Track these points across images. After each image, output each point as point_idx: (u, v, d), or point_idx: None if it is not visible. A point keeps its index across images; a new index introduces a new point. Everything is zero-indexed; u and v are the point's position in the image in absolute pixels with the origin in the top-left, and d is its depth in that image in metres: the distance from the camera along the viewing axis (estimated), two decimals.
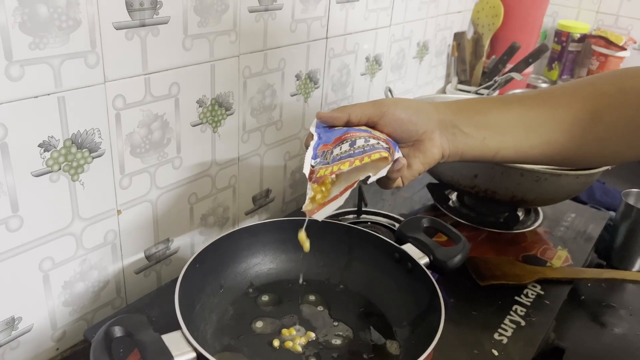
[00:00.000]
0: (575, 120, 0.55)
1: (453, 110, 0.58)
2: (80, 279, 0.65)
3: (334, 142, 0.54)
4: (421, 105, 0.57)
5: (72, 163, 0.59)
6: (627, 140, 0.56)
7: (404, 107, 0.56)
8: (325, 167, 0.52)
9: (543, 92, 0.59)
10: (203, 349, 0.46)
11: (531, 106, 0.57)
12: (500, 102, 0.59)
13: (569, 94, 0.57)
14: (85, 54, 0.56)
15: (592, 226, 0.94)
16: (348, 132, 0.55)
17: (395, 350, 0.59)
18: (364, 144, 0.53)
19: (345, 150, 0.52)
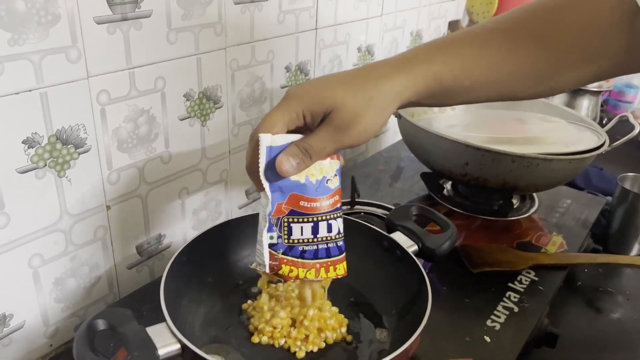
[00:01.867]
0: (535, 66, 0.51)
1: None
2: (72, 275, 0.65)
3: (289, 203, 0.50)
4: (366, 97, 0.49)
5: (57, 159, 0.59)
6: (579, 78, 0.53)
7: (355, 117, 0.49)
8: (288, 260, 0.49)
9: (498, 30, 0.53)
10: (187, 341, 0.46)
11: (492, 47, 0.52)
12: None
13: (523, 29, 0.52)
14: (66, 49, 0.56)
15: (588, 211, 0.93)
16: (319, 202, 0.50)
17: (385, 338, 0.58)
18: (326, 235, 0.51)
19: (308, 238, 0.50)
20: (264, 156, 0.48)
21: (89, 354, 0.44)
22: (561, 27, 0.51)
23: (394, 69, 0.50)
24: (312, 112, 0.48)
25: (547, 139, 0.87)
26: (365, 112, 0.48)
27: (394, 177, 1.03)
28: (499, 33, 0.52)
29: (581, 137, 0.88)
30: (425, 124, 0.86)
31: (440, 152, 0.82)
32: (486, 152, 0.77)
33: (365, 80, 0.49)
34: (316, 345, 0.56)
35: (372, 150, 1.21)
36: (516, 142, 0.84)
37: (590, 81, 0.55)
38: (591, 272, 0.85)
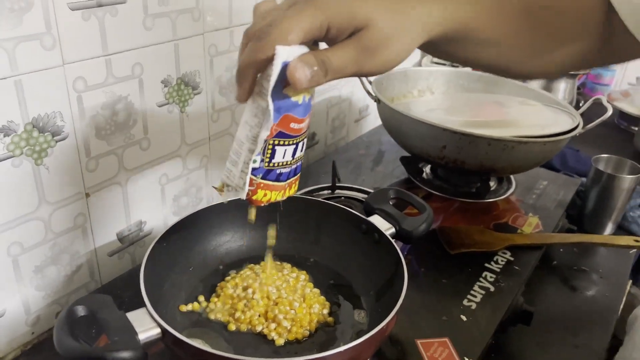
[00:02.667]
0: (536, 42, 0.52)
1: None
2: (52, 263, 0.65)
3: (280, 125, 0.43)
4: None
5: (34, 147, 0.59)
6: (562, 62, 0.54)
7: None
8: (264, 185, 0.46)
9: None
10: (167, 325, 0.47)
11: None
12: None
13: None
14: (41, 36, 0.55)
15: (563, 192, 0.95)
16: (305, 123, 0.45)
17: (363, 319, 0.60)
18: (299, 155, 0.47)
19: (287, 161, 0.46)
20: (277, 73, 0.39)
21: (69, 340, 0.44)
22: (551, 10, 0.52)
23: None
24: (340, 26, 0.41)
25: (524, 121, 0.88)
26: (397, 36, 0.44)
27: (375, 161, 1.04)
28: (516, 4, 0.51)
29: (556, 119, 0.90)
30: (404, 108, 0.86)
31: (418, 136, 0.83)
32: (463, 135, 0.78)
33: (403, 2, 0.45)
34: (299, 334, 0.57)
35: (353, 135, 1.22)
36: (493, 125, 0.85)
37: (575, 65, 0.56)
38: (566, 251, 0.87)
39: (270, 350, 0.55)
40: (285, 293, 0.59)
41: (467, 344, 0.61)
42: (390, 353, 0.60)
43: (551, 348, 0.68)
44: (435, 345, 0.60)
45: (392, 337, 0.61)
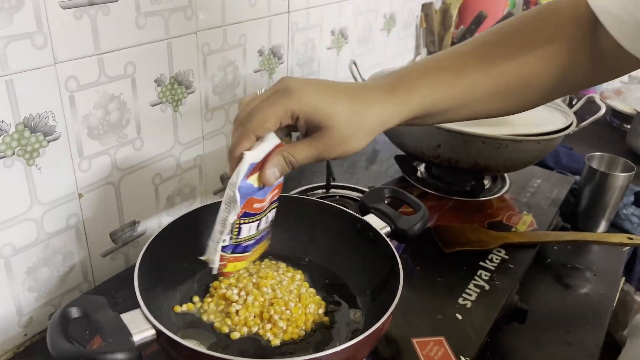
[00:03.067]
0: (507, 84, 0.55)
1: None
2: (44, 264, 0.65)
3: (244, 207, 0.50)
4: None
5: (26, 147, 0.58)
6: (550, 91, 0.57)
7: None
8: (233, 258, 0.53)
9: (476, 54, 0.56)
10: (161, 326, 0.46)
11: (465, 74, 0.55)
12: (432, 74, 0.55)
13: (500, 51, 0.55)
14: (32, 35, 0.55)
15: (557, 191, 0.95)
16: (267, 201, 0.52)
17: (359, 318, 0.60)
18: (265, 226, 0.54)
19: (253, 235, 0.53)
20: (244, 172, 0.47)
21: (63, 342, 0.44)
22: (530, 47, 0.54)
23: (386, 96, 0.52)
24: (308, 120, 0.48)
25: (517, 120, 0.88)
26: (355, 135, 0.50)
27: (369, 160, 1.04)
28: (473, 56, 0.55)
29: (550, 118, 0.90)
30: None
31: (413, 135, 0.83)
32: (457, 134, 0.78)
33: (362, 104, 0.51)
34: (295, 334, 0.56)
35: None
36: (487, 123, 0.85)
37: (561, 93, 0.58)
38: (560, 249, 0.87)
39: (265, 350, 0.55)
40: (281, 293, 0.59)
41: (463, 342, 0.61)
42: (386, 352, 0.60)
43: (546, 345, 0.68)
44: (430, 344, 0.60)
45: (387, 336, 0.61)
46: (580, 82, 0.57)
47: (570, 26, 0.53)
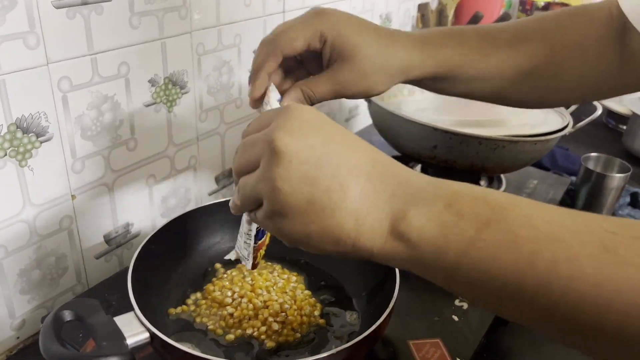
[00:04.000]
0: (536, 69, 0.54)
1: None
2: (37, 266, 0.64)
3: None
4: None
5: (18, 148, 0.57)
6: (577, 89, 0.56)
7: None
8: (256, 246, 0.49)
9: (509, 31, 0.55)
10: (155, 329, 0.46)
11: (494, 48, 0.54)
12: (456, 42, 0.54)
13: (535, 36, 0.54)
14: (24, 35, 0.54)
15: (553, 191, 0.95)
16: None
17: (355, 320, 0.59)
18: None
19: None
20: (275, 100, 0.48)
21: (56, 345, 0.43)
22: (561, 36, 0.54)
23: (413, 43, 0.51)
24: (335, 45, 0.47)
25: (514, 121, 0.88)
26: (377, 73, 0.49)
27: None
28: (506, 34, 0.55)
29: (546, 118, 0.90)
30: (394, 107, 0.86)
31: (409, 136, 0.83)
32: (454, 135, 0.78)
33: (390, 43, 0.49)
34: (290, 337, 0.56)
35: None
36: (484, 124, 0.85)
37: (588, 95, 0.57)
38: None
39: (260, 353, 0.54)
40: (276, 295, 0.59)
41: (459, 344, 0.60)
42: (382, 354, 0.59)
43: (542, 347, 0.68)
44: (427, 346, 0.60)
45: (384, 338, 0.60)
46: (610, 85, 0.56)
47: (600, 26, 0.53)
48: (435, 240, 0.33)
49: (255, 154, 0.36)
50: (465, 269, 0.32)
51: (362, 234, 0.34)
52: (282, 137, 0.34)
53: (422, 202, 0.34)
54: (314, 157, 0.34)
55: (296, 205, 0.34)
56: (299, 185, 0.34)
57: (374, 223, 0.34)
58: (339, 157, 0.35)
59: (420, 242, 0.33)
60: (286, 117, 0.35)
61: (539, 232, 0.31)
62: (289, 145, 0.34)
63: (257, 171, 0.36)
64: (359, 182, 0.34)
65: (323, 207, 0.34)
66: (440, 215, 0.33)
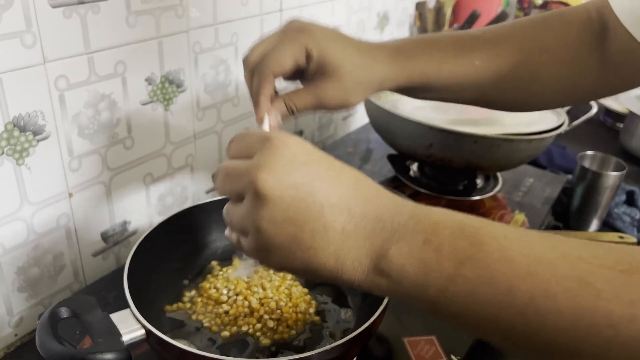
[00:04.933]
0: (514, 73, 0.55)
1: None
2: (35, 264, 0.64)
3: None
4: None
5: (15, 147, 0.58)
6: (557, 94, 0.56)
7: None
8: None
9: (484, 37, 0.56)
10: (151, 326, 0.46)
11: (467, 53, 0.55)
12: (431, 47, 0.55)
13: (510, 41, 0.55)
14: (21, 34, 0.55)
15: (549, 190, 0.95)
16: None
17: (349, 317, 0.60)
18: None
19: None
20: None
21: (52, 342, 0.44)
22: (538, 43, 0.54)
23: (389, 55, 0.52)
24: (320, 61, 0.49)
25: (509, 119, 0.88)
26: (356, 87, 0.51)
27: (363, 159, 1.04)
28: (482, 41, 0.55)
29: (542, 117, 0.90)
30: (391, 106, 0.86)
31: (405, 134, 0.83)
32: (449, 133, 0.78)
33: (370, 59, 0.51)
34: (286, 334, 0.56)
35: (341, 132, 1.22)
36: (480, 122, 0.85)
37: (573, 97, 0.58)
38: None
39: (256, 350, 0.55)
40: (271, 292, 0.59)
41: (454, 341, 0.61)
42: (377, 351, 0.60)
43: None
44: (422, 343, 0.60)
45: (378, 336, 0.61)
46: (592, 89, 0.56)
47: (579, 30, 0.54)
48: (416, 277, 0.33)
49: (239, 188, 0.37)
50: (445, 303, 0.33)
51: (344, 271, 0.35)
52: (265, 178, 0.34)
53: (401, 238, 0.34)
54: (298, 198, 0.34)
55: (280, 243, 0.35)
56: (283, 226, 0.35)
57: (354, 262, 0.35)
58: (323, 194, 0.35)
59: (401, 279, 0.34)
60: (270, 154, 0.35)
61: (516, 266, 0.31)
62: (273, 189, 0.34)
63: (242, 208, 0.36)
64: (341, 220, 0.35)
65: (307, 247, 0.35)
66: (420, 252, 0.33)
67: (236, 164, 0.37)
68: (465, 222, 0.34)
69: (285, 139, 0.36)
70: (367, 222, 0.35)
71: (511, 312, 0.31)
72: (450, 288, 0.32)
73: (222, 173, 0.38)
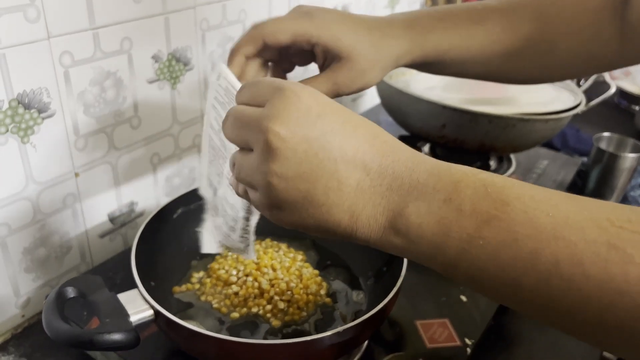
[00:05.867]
0: (530, 44, 0.53)
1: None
2: (41, 244, 0.63)
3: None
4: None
5: (20, 124, 0.56)
6: (574, 65, 0.55)
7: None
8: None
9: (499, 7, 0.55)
10: (159, 306, 0.45)
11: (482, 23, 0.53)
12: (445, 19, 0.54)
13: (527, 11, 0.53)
14: (24, 8, 0.53)
15: (564, 172, 0.93)
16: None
17: (361, 300, 0.59)
18: None
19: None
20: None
21: (59, 322, 0.43)
22: (556, 11, 0.53)
23: (402, 31, 0.51)
24: (327, 48, 0.48)
25: (524, 99, 0.86)
26: (373, 68, 0.49)
27: None
28: (497, 12, 0.53)
29: (558, 97, 0.88)
30: (403, 85, 0.84)
31: (418, 114, 0.81)
32: (463, 113, 0.76)
33: (381, 37, 0.49)
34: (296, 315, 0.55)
35: None
36: (494, 102, 0.83)
37: (589, 69, 0.56)
38: None
39: (266, 331, 0.54)
40: (282, 274, 0.58)
41: (467, 324, 0.60)
42: (389, 334, 0.58)
43: (551, 329, 0.67)
44: (434, 326, 0.59)
45: (391, 319, 0.59)
46: (610, 60, 0.55)
47: (598, 1, 0.52)
48: (434, 237, 0.32)
49: (247, 136, 0.35)
50: (464, 266, 0.31)
51: (359, 229, 0.34)
52: (277, 130, 0.33)
53: (420, 196, 0.32)
54: (311, 152, 0.33)
55: (292, 200, 0.34)
56: (295, 182, 0.33)
57: (370, 219, 0.33)
58: (338, 149, 0.33)
59: (417, 238, 0.32)
60: (283, 105, 0.33)
61: (541, 229, 0.29)
62: (285, 141, 0.33)
63: (251, 159, 0.35)
64: (356, 177, 0.33)
65: (320, 204, 0.33)
66: (439, 210, 0.32)
67: (246, 110, 0.35)
68: (488, 180, 0.32)
69: (298, 89, 0.34)
70: (383, 178, 0.33)
71: (534, 277, 0.29)
72: (469, 250, 0.31)
73: (232, 117, 0.36)
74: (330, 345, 0.46)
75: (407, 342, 0.57)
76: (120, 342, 0.42)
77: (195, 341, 0.46)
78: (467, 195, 0.31)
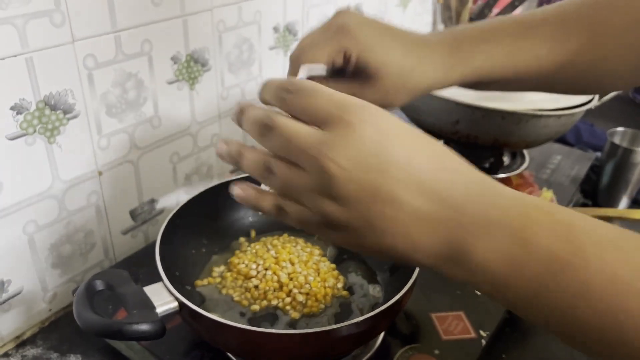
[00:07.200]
0: (580, 58, 0.50)
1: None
2: (67, 241, 0.66)
3: None
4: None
5: (47, 125, 0.58)
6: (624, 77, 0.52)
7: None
8: None
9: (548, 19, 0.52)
10: (184, 298, 0.47)
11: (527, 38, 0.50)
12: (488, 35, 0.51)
13: (577, 24, 0.51)
14: (50, 13, 0.55)
15: (578, 167, 0.94)
16: None
17: (378, 293, 0.60)
18: None
19: None
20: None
21: (89, 313, 0.45)
22: (606, 23, 0.50)
23: (441, 57, 0.49)
24: (360, 62, 0.46)
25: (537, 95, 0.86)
26: (399, 91, 0.48)
27: None
28: (547, 24, 0.51)
29: None
30: None
31: (431, 111, 0.82)
32: (476, 109, 0.77)
33: (416, 61, 0.48)
34: (315, 308, 0.57)
35: None
36: (506, 98, 0.84)
37: (637, 82, 0.54)
38: None
39: (286, 323, 0.55)
40: (300, 267, 0.59)
41: (482, 317, 0.61)
42: (405, 327, 0.60)
43: None
44: (449, 318, 0.60)
45: (406, 312, 0.61)
46: None
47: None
48: (499, 276, 0.30)
49: (297, 159, 0.33)
50: (530, 310, 0.30)
51: (416, 255, 0.33)
52: (340, 166, 0.31)
53: (485, 231, 0.30)
54: (372, 188, 0.31)
55: (351, 224, 0.33)
56: (356, 206, 0.32)
57: (427, 247, 0.32)
58: (398, 183, 0.31)
59: (480, 275, 0.31)
60: (347, 141, 0.31)
61: (621, 283, 0.27)
62: (348, 185, 0.31)
63: (304, 180, 0.33)
64: (416, 202, 0.32)
65: (375, 228, 0.32)
66: (509, 250, 0.30)
67: (301, 131, 0.33)
68: (557, 216, 0.30)
69: (366, 117, 0.32)
70: (444, 209, 0.31)
71: (613, 334, 0.28)
72: (538, 296, 0.29)
73: (281, 137, 0.34)
74: (348, 336, 0.47)
75: (423, 335, 0.58)
76: (148, 333, 0.44)
77: (218, 332, 0.48)
78: (540, 232, 0.30)
